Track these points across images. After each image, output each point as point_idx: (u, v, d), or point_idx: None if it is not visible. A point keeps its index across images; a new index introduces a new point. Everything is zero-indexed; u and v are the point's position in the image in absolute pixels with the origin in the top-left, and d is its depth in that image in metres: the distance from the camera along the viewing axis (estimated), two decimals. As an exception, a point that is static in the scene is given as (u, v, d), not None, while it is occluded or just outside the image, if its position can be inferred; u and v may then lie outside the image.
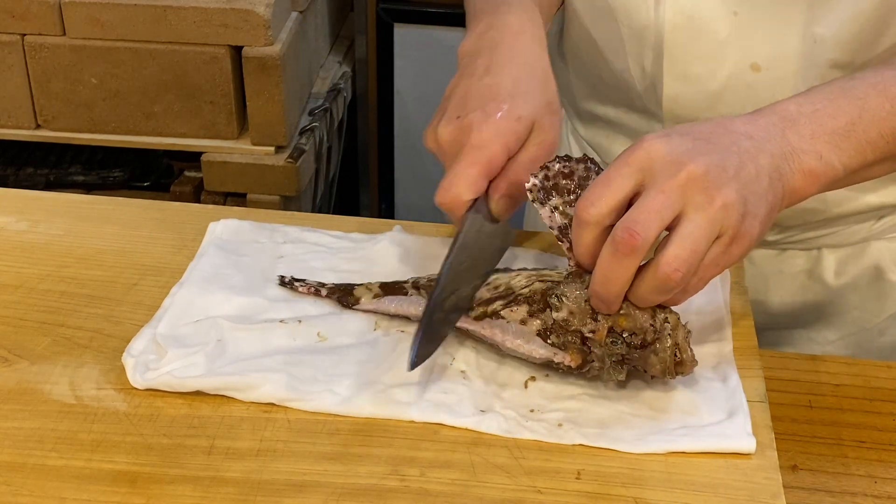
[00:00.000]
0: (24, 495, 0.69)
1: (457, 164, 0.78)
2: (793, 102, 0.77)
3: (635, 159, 0.71)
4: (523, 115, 0.79)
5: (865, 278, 1.02)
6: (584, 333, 0.75)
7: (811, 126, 0.76)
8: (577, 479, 0.71)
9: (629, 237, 0.68)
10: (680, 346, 0.74)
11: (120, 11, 1.78)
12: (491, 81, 0.81)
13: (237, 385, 0.76)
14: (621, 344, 0.74)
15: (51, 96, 1.86)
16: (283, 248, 0.91)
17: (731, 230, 0.70)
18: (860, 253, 1.01)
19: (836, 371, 0.88)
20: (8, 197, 1.00)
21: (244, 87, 1.84)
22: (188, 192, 1.96)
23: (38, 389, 0.77)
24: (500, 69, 0.82)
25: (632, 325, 0.74)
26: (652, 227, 0.68)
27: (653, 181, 0.70)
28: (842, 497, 0.78)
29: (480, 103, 0.79)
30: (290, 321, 0.83)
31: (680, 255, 0.69)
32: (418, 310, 0.81)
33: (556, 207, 0.76)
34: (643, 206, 0.69)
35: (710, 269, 0.71)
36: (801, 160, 0.75)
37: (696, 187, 0.69)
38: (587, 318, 0.74)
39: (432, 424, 0.75)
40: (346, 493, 0.69)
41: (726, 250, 0.71)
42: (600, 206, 0.70)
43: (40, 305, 0.86)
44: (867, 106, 0.78)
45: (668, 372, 0.75)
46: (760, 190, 0.72)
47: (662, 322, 0.74)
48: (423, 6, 2.21)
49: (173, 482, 0.70)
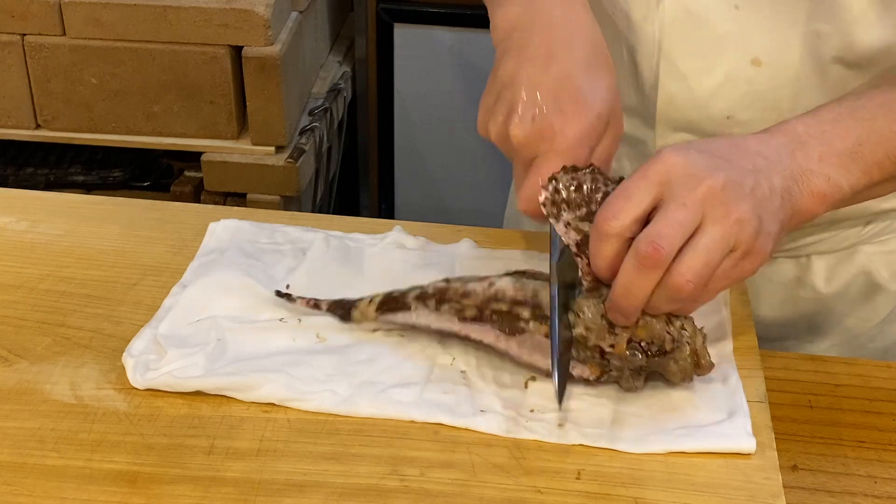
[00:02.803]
0: (24, 495, 0.69)
1: (542, 170, 0.77)
2: (801, 123, 0.78)
3: (655, 173, 0.71)
4: (601, 111, 0.78)
5: (856, 284, 1.01)
6: (603, 349, 0.75)
7: (820, 148, 0.77)
8: (577, 479, 0.71)
9: (654, 251, 0.69)
10: (699, 353, 0.75)
11: (120, 11, 1.78)
12: (560, 73, 0.78)
13: (237, 385, 0.76)
14: (641, 355, 0.74)
15: (51, 96, 1.86)
16: (283, 249, 0.91)
17: (745, 245, 0.71)
18: (849, 258, 1.00)
19: (836, 371, 0.88)
20: (8, 197, 1.00)
21: (244, 87, 1.84)
22: (188, 192, 1.96)
23: (38, 389, 0.77)
24: (565, 54, 0.79)
25: (650, 335, 0.74)
26: (675, 240, 0.69)
27: (672, 195, 0.71)
28: (842, 497, 0.78)
29: (556, 101, 0.77)
30: (290, 320, 0.83)
31: (693, 267, 0.70)
32: (427, 322, 0.80)
33: (568, 223, 0.76)
34: (666, 220, 0.70)
35: (721, 281, 0.72)
36: (810, 182, 0.76)
37: (715, 201, 0.70)
38: (605, 334, 0.75)
39: (432, 424, 0.75)
40: (346, 493, 0.69)
41: (738, 264, 0.72)
42: (622, 219, 0.71)
43: (40, 305, 0.86)
44: (874, 127, 0.79)
45: (686, 378, 0.76)
46: (773, 208, 0.73)
47: (679, 329, 0.74)
48: (423, 6, 2.21)
49: (173, 482, 0.70)
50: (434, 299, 0.80)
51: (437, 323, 0.80)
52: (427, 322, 0.80)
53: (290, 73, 1.87)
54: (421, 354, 0.80)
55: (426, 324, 0.80)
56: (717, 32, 0.88)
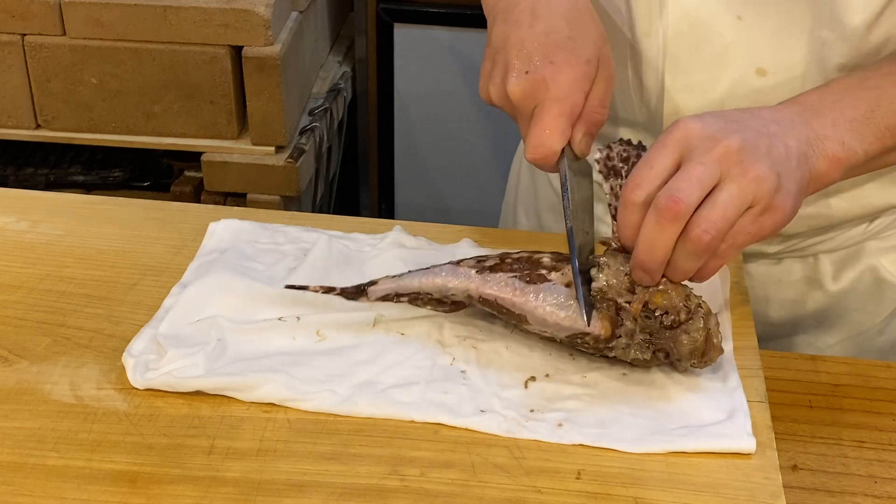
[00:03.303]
0: (24, 495, 0.69)
1: (542, 119, 0.80)
2: (813, 94, 0.81)
3: (672, 139, 0.74)
4: (590, 56, 0.82)
5: (863, 280, 1.02)
6: (618, 303, 0.76)
7: (832, 114, 0.79)
8: (577, 479, 0.71)
9: (672, 203, 0.71)
10: (711, 331, 0.76)
11: (120, 11, 1.78)
12: (546, 27, 0.82)
13: (237, 385, 0.76)
14: (653, 321, 0.75)
15: (51, 96, 1.86)
16: (283, 249, 0.91)
17: (764, 201, 0.73)
18: (856, 255, 1.01)
19: (836, 371, 0.88)
20: (8, 197, 1.00)
21: (244, 87, 1.84)
22: (188, 192, 1.96)
23: (38, 389, 0.77)
24: (548, 10, 0.83)
25: (666, 304, 0.75)
26: (693, 194, 0.72)
27: (690, 155, 0.73)
28: (842, 497, 0.78)
29: (545, 54, 0.81)
30: (289, 318, 0.82)
31: (710, 218, 0.72)
32: (444, 279, 0.81)
33: (612, 188, 0.80)
34: (684, 175, 0.72)
35: (741, 236, 0.74)
36: (824, 146, 0.78)
37: (732, 160, 0.73)
38: (624, 290, 0.76)
39: (432, 424, 0.75)
40: (346, 493, 0.69)
41: (757, 220, 0.73)
42: (645, 187, 0.74)
43: (40, 305, 0.86)
44: (884, 95, 0.81)
45: (695, 354, 0.76)
46: (791, 167, 0.75)
47: (696, 306, 0.76)
48: (423, 6, 2.21)
49: (173, 482, 0.70)
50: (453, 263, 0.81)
51: (452, 280, 0.80)
52: (442, 282, 0.80)
53: (290, 73, 1.87)
54: (421, 354, 0.81)
55: (441, 283, 0.80)
56: (721, 44, 0.89)
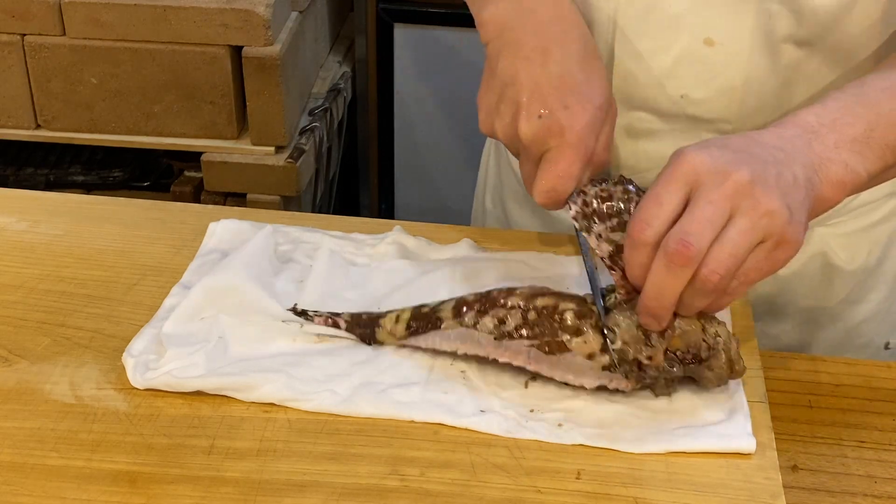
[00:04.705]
0: (24, 495, 0.69)
1: (556, 163, 0.79)
2: (810, 113, 0.79)
3: (681, 174, 0.72)
4: (601, 102, 0.81)
5: (812, 265, 1.01)
6: (641, 361, 0.75)
7: (833, 136, 0.78)
8: (577, 479, 0.71)
9: (683, 248, 0.69)
10: (733, 359, 0.75)
11: (120, 11, 1.78)
12: (560, 70, 0.81)
13: (237, 385, 0.76)
14: (678, 366, 0.75)
15: (51, 96, 1.86)
16: (283, 249, 0.91)
17: (777, 236, 0.71)
18: (805, 241, 1.00)
19: (836, 371, 0.88)
20: (8, 197, 1.00)
21: (244, 87, 1.84)
22: (188, 192, 1.96)
23: (38, 389, 0.77)
24: (560, 51, 0.82)
25: (686, 344, 0.74)
26: (705, 237, 0.70)
27: (699, 192, 0.71)
28: (842, 497, 0.78)
29: (559, 98, 0.80)
30: (292, 323, 0.82)
31: (719, 258, 0.70)
32: (463, 345, 0.79)
33: (599, 235, 0.76)
34: (694, 217, 0.70)
35: (753, 273, 0.72)
36: (828, 170, 0.77)
37: (743, 194, 0.71)
38: (641, 346, 0.74)
39: (432, 424, 0.75)
40: (346, 493, 0.69)
41: (770, 255, 0.72)
42: (655, 226, 0.71)
43: (40, 305, 0.86)
44: (882, 112, 0.80)
45: (721, 383, 0.76)
46: (800, 198, 0.74)
47: (714, 337, 0.75)
48: (423, 6, 2.21)
49: (173, 482, 0.70)
50: (473, 309, 0.78)
51: (461, 347, 0.78)
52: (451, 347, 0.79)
53: (290, 73, 1.87)
54: (421, 354, 0.80)
55: (453, 349, 0.79)
56: (671, 12, 0.89)
